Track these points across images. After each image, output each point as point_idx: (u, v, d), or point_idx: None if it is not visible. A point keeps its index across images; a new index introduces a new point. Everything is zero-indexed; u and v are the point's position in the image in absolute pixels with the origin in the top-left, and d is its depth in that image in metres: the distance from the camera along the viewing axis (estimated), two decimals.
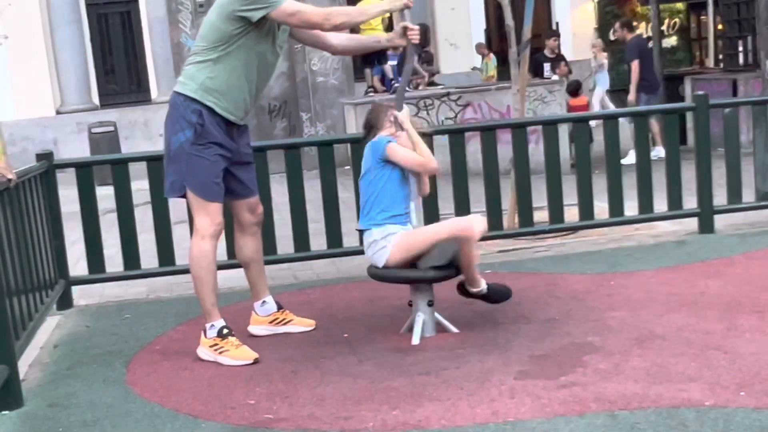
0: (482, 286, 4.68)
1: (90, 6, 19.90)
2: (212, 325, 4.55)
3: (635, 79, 11.68)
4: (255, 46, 4.51)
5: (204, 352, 4.55)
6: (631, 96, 11.66)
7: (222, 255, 5.05)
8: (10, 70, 18.59)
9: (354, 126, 12.45)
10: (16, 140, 17.27)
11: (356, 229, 4.94)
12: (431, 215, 6.11)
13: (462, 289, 4.75)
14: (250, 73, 4.54)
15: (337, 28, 4.57)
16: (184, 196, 4.62)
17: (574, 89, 12.52)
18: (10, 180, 4.48)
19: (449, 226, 4.65)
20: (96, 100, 19.63)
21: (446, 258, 4.48)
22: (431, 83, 14.14)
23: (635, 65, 11.68)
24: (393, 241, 4.52)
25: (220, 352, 4.48)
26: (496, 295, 4.76)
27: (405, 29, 4.69)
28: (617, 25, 12.65)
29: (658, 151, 9.46)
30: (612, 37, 21.56)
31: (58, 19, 19.06)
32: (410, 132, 4.62)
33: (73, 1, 19.26)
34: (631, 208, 6.85)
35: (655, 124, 10.56)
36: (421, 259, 4.52)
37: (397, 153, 4.56)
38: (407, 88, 5.60)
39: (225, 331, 4.53)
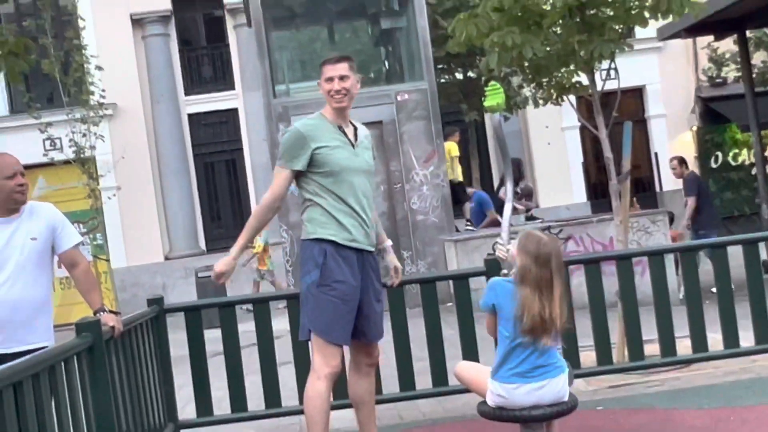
0: None
1: (197, 156, 20.76)
2: None
3: (690, 213, 12.02)
4: (333, 174, 4.64)
5: None
6: (681, 228, 12.15)
7: None
8: (122, 219, 19.38)
9: (455, 262, 12.46)
10: (127, 286, 17.85)
11: None
12: None
13: None
14: (349, 194, 4.66)
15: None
16: None
17: (671, 220, 12.45)
18: (113, 328, 4.59)
19: None
20: (203, 245, 20.23)
21: None
22: (530, 217, 14.15)
23: (692, 201, 12.05)
24: None
25: None
26: None
27: (395, 269, 5.11)
28: (675, 162, 12.64)
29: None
30: (714, 165, 21.44)
31: (167, 169, 19.94)
32: None
33: (182, 151, 20.16)
34: (746, 338, 6.59)
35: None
36: None
37: None
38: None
39: None
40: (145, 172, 19.83)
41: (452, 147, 14.53)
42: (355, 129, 4.84)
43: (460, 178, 14.88)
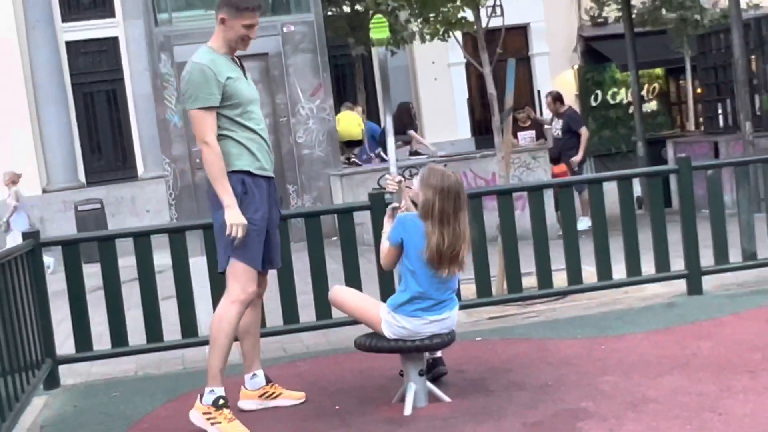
0: None
1: (76, 85, 20.06)
2: (212, 390, 4.48)
3: (585, 144, 12.47)
4: (241, 105, 4.60)
5: (196, 416, 4.48)
6: (578, 158, 12.35)
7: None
8: None
9: (340, 197, 12.50)
10: (2, 220, 17.22)
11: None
12: None
13: None
14: (255, 124, 4.65)
15: (202, 154, 4.60)
16: None
17: (557, 157, 12.70)
18: None
19: None
20: (82, 178, 19.65)
21: None
22: (415, 152, 14.26)
23: (585, 131, 12.60)
24: None
25: (212, 423, 4.41)
26: None
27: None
28: (549, 99, 12.95)
29: (585, 222, 9.67)
30: (593, 104, 21.99)
31: (44, 99, 19.19)
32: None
33: (59, 80, 19.41)
34: (619, 271, 6.86)
35: (582, 196, 10.86)
36: None
37: None
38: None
39: (221, 401, 4.46)
40: (21, 102, 19.05)
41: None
42: (239, 60, 4.80)
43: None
